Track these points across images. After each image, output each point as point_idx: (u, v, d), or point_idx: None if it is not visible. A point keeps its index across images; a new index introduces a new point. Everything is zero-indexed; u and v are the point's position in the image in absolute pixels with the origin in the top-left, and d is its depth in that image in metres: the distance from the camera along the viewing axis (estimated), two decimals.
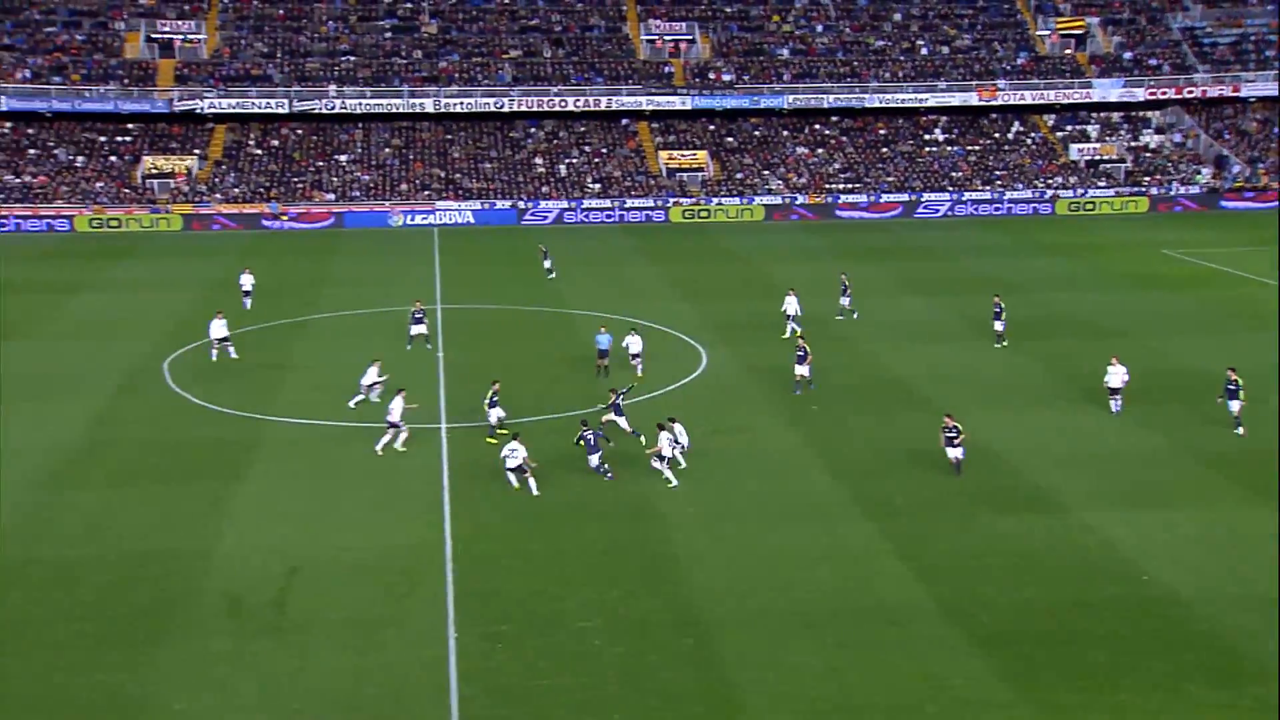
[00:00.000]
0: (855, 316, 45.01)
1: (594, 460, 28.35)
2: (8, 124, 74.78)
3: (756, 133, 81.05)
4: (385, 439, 30.34)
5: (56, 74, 74.98)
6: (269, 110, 75.84)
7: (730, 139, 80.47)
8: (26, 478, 28.73)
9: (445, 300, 48.92)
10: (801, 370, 35.63)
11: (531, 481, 27.64)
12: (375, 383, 33.80)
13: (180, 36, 79.15)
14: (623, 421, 30.98)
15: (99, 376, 37.28)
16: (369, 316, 46.22)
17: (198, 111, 75.10)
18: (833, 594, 22.96)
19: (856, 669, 20.32)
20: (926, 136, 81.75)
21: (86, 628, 21.55)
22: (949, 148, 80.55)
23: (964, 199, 74.95)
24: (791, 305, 43.10)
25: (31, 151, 73.64)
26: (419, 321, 40.81)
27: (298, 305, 48.08)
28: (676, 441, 28.56)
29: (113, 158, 74.21)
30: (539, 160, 77.54)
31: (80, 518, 26.52)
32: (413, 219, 71.19)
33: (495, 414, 31.29)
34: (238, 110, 75.63)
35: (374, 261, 58.86)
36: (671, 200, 73.93)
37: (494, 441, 30.33)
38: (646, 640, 21.29)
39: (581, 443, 28.45)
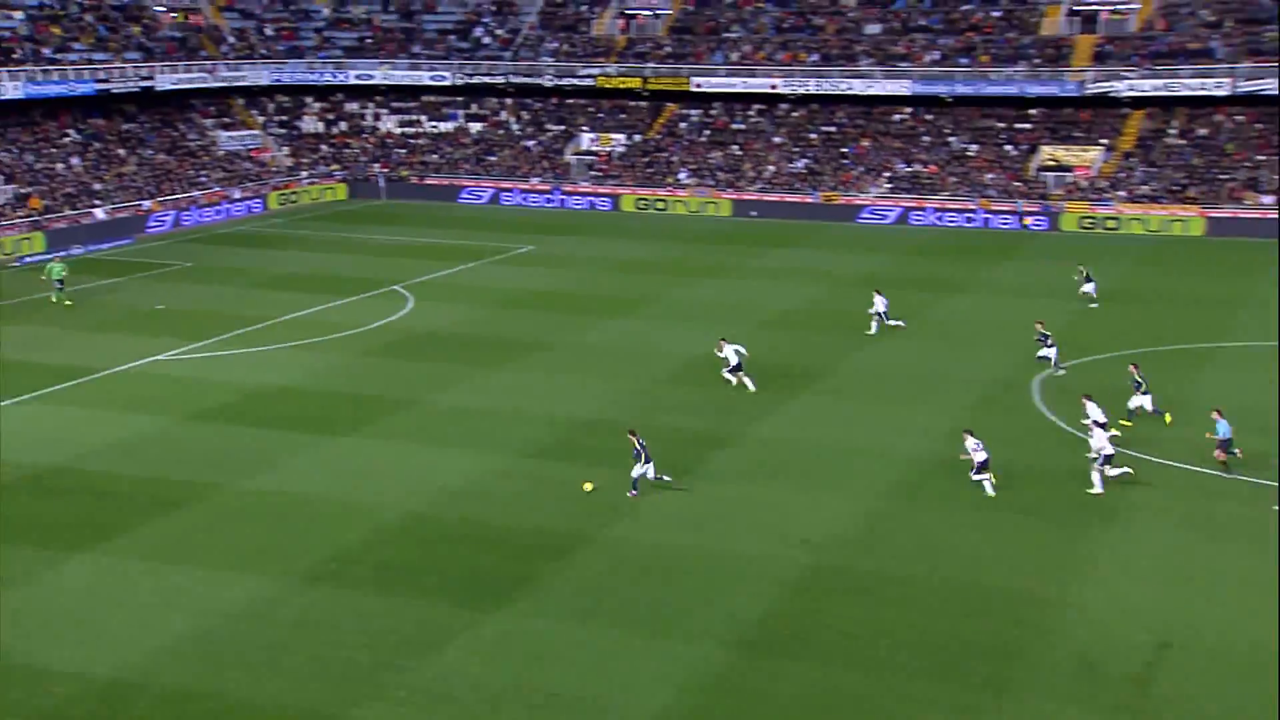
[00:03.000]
0: None
1: (637, 470, 30.06)
2: (907, 109, 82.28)
3: None
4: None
5: (964, 55, 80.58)
6: (1202, 93, 73.50)
7: None
8: (874, 484, 31.21)
9: None
10: None
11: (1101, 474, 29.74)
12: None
13: (1108, 9, 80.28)
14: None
15: (960, 385, 39.22)
16: None
17: (1112, 95, 75.55)
18: None
19: None
20: None
21: (911, 656, 22.68)
22: None
23: None
24: None
25: (925, 139, 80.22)
26: None
27: (1205, 329, 46.20)
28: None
29: (1008, 147, 77.91)
30: None
31: (916, 534, 28.10)
32: None
33: (1143, 400, 34.60)
34: (1162, 93, 74.48)
35: None
36: None
37: (1129, 425, 33.82)
38: None
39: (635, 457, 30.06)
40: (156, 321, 48.91)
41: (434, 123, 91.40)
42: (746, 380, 38.89)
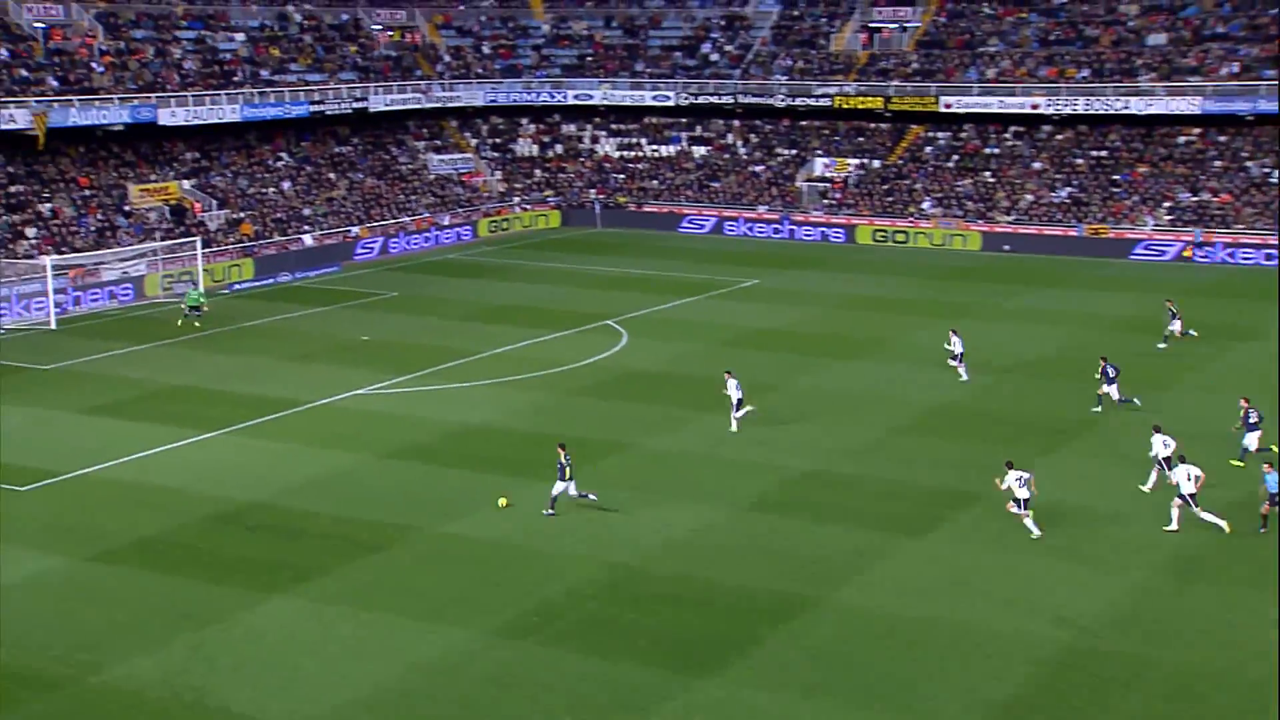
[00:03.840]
0: None
1: (557, 487, 32.36)
2: (1195, 130, 79.20)
3: None
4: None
5: (1270, 67, 76.64)
6: None
7: None
8: (1141, 557, 30.05)
9: None
10: None
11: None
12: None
13: None
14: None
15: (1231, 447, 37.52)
16: None
17: None
18: None
19: None
20: None
21: None
22: None
23: None
24: None
25: (1217, 164, 77.16)
26: None
27: None
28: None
29: None
30: None
31: (1192, 616, 27.00)
32: None
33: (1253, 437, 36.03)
34: None
35: None
36: None
37: (1241, 465, 35.58)
38: None
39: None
40: (361, 353, 50.82)
41: (655, 146, 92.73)
42: (746, 409, 40.16)
